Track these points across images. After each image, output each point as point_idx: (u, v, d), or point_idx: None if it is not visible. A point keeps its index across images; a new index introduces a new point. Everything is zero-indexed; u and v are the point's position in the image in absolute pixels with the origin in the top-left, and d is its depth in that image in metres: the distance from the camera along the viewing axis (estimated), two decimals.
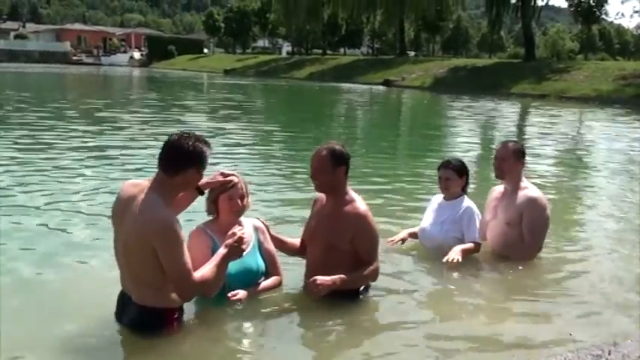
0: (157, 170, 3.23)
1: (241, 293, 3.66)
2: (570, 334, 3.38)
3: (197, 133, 3.30)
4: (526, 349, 3.39)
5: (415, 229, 5.05)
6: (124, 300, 3.39)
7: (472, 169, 8.62)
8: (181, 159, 3.16)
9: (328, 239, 3.82)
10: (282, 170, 9.23)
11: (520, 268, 4.66)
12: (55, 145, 10.48)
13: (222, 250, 3.36)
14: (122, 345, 3.38)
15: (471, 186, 5.11)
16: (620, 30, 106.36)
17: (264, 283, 3.87)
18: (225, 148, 10.92)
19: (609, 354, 3.08)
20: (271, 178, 8.40)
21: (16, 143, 10.58)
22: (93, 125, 14.20)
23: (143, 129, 13.65)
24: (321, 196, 4.01)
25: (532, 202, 4.67)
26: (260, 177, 8.24)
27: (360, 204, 3.84)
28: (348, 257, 3.80)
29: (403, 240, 4.98)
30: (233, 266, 3.49)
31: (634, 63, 42.33)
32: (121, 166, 8.81)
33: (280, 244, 4.06)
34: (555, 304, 4.14)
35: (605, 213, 6.85)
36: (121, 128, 13.64)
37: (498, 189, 4.97)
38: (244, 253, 3.49)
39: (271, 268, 3.93)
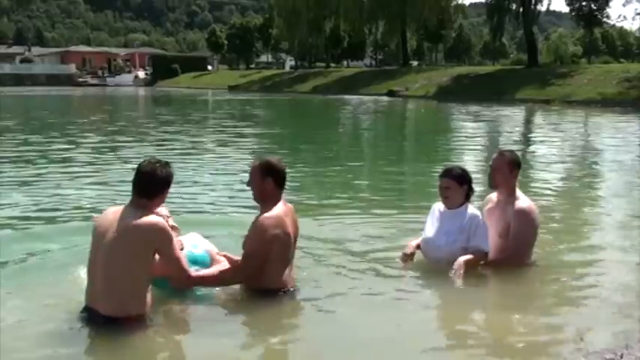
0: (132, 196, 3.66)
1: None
2: (581, 339, 3.36)
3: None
4: (538, 353, 3.38)
5: (419, 240, 4.88)
6: (89, 314, 3.59)
7: (475, 176, 8.65)
8: (157, 185, 3.66)
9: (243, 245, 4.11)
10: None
11: (528, 274, 4.64)
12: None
13: None
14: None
15: (475, 195, 5.04)
16: (622, 32, 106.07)
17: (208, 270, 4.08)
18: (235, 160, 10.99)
19: (621, 357, 3.06)
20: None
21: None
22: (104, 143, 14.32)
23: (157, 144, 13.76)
24: None
25: (519, 213, 4.59)
26: None
27: (265, 215, 4.00)
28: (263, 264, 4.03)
29: (412, 254, 4.81)
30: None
31: (638, 65, 42.19)
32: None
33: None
34: (565, 308, 4.12)
35: (613, 218, 6.80)
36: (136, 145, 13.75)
37: (492, 197, 4.88)
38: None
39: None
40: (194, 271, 3.90)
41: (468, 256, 4.46)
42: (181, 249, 3.89)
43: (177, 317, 3.86)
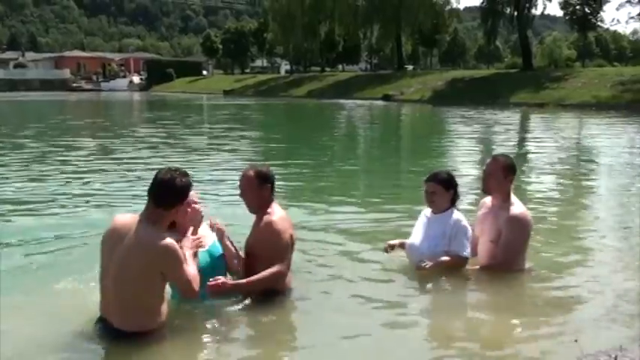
0: (147, 203, 3.48)
1: (222, 279, 3.79)
2: (576, 340, 3.36)
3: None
4: (532, 356, 3.38)
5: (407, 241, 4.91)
6: (104, 325, 3.53)
7: (468, 181, 8.69)
8: (176, 194, 3.48)
9: (251, 249, 4.10)
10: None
11: (521, 276, 4.64)
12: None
13: (188, 253, 3.62)
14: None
15: (470, 199, 5.05)
16: (616, 36, 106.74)
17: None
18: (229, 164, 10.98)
19: (615, 359, 3.07)
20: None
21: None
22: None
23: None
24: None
25: (511, 220, 4.55)
26: None
27: (278, 217, 4.02)
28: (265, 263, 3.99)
29: (393, 247, 4.87)
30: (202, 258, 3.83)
31: (632, 68, 42.43)
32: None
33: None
34: (559, 311, 4.12)
35: (607, 221, 6.83)
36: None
37: (487, 202, 4.84)
38: (206, 247, 3.91)
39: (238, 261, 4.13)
40: (229, 279, 3.87)
41: (446, 258, 4.49)
42: (198, 250, 3.76)
43: (189, 328, 3.76)
